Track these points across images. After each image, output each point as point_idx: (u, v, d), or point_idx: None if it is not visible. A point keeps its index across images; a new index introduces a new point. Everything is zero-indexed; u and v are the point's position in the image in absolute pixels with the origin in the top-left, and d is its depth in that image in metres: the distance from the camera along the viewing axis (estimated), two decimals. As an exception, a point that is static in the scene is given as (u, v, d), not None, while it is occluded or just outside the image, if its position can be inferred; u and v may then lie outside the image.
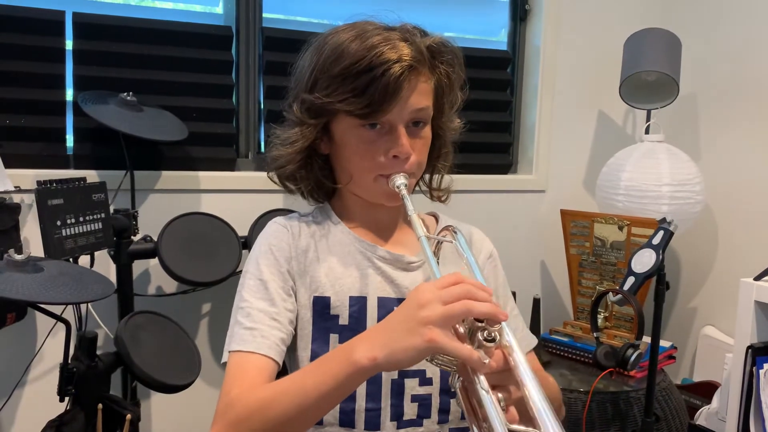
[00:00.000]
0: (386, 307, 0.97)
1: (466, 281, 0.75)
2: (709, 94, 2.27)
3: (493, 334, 0.72)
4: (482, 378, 0.70)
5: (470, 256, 0.91)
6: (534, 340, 1.12)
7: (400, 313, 0.76)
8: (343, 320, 0.97)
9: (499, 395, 0.70)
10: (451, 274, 0.76)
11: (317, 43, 0.98)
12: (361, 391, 0.94)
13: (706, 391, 2.04)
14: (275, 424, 0.80)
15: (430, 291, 0.74)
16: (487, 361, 0.70)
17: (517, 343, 0.74)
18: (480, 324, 0.73)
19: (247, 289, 0.96)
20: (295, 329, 0.98)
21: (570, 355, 2.01)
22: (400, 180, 0.95)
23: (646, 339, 1.62)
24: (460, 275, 0.76)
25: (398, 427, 0.95)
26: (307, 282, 0.98)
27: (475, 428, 0.74)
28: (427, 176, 1.09)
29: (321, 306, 0.97)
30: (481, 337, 0.72)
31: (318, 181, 1.03)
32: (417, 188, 1.09)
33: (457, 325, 0.74)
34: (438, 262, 0.95)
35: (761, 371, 1.51)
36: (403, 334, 0.73)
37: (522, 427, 0.66)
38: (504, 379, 0.73)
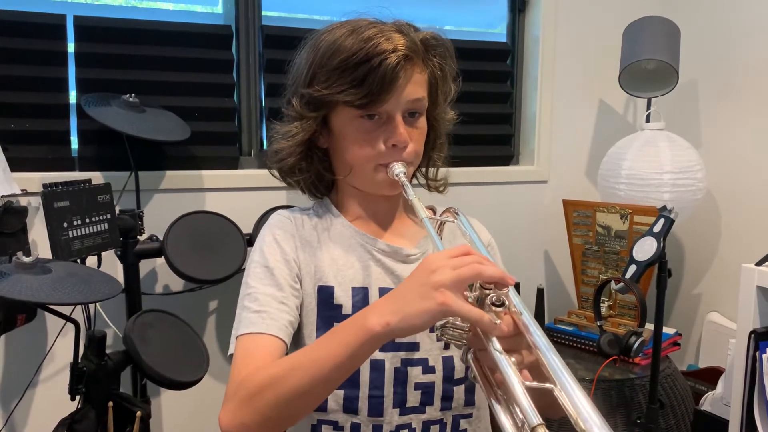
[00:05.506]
0: None
1: (473, 252, 0.76)
2: (709, 81, 2.27)
3: (501, 299, 0.73)
4: (495, 341, 0.70)
5: (473, 234, 0.92)
6: None
7: (411, 280, 0.77)
8: (347, 310, 0.99)
9: (512, 359, 0.70)
10: (459, 246, 0.78)
11: (313, 41, 1.00)
12: (365, 378, 0.96)
13: (712, 376, 2.04)
14: (288, 399, 0.80)
15: (440, 258, 0.75)
16: (498, 322, 0.71)
17: (524, 306, 0.75)
18: (488, 291, 0.74)
19: (253, 277, 0.98)
20: (300, 316, 0.99)
21: (575, 344, 2.02)
22: (399, 168, 0.98)
23: (651, 326, 1.63)
24: (468, 247, 0.77)
25: (401, 414, 0.97)
26: (312, 271, 1.01)
27: (492, 400, 0.73)
28: (423, 168, 1.11)
29: (325, 295, 1.00)
30: (489, 303, 0.73)
31: (318, 173, 1.06)
32: (415, 181, 1.11)
33: (467, 294, 0.75)
34: None
35: (764, 356, 1.51)
36: (415, 298, 0.73)
37: (538, 384, 0.65)
38: (515, 343, 0.73)
